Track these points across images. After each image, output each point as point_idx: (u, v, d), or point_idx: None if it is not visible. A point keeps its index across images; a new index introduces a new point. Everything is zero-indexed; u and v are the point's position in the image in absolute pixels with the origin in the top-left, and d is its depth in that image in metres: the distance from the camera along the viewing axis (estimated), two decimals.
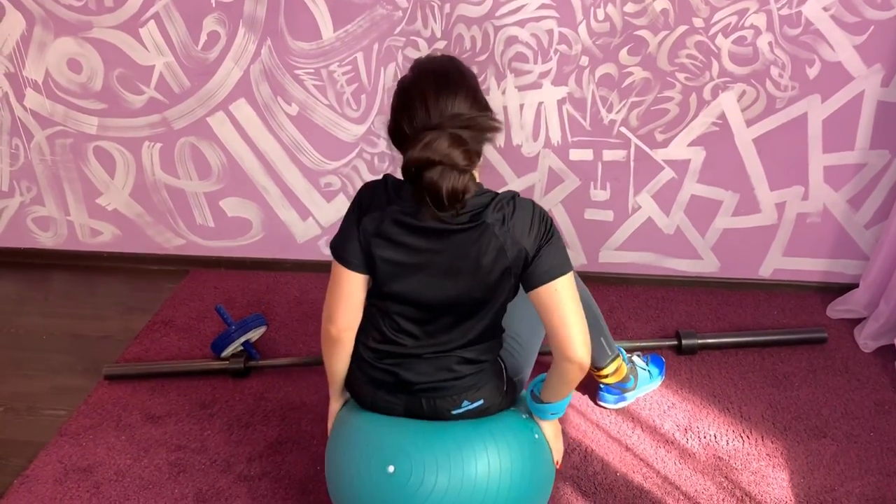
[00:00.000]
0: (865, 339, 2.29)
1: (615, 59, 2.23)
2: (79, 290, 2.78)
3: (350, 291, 1.47)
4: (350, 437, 1.52)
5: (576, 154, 2.41)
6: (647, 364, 2.14)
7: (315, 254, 2.75)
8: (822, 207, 2.41)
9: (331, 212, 2.66)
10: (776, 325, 2.41)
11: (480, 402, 1.51)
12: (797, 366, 2.24)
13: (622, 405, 2.09)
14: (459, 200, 1.32)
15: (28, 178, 2.73)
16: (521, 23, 2.20)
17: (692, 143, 2.34)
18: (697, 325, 2.42)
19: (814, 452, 1.94)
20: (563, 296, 1.38)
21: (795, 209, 2.42)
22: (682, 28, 2.15)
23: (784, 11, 2.10)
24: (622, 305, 2.53)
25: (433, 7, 2.21)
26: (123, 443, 2.04)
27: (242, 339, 2.30)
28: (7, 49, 2.46)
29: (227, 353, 2.29)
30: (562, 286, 1.39)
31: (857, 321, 2.39)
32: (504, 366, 1.59)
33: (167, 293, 2.69)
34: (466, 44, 2.25)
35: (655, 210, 2.48)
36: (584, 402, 2.11)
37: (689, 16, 2.13)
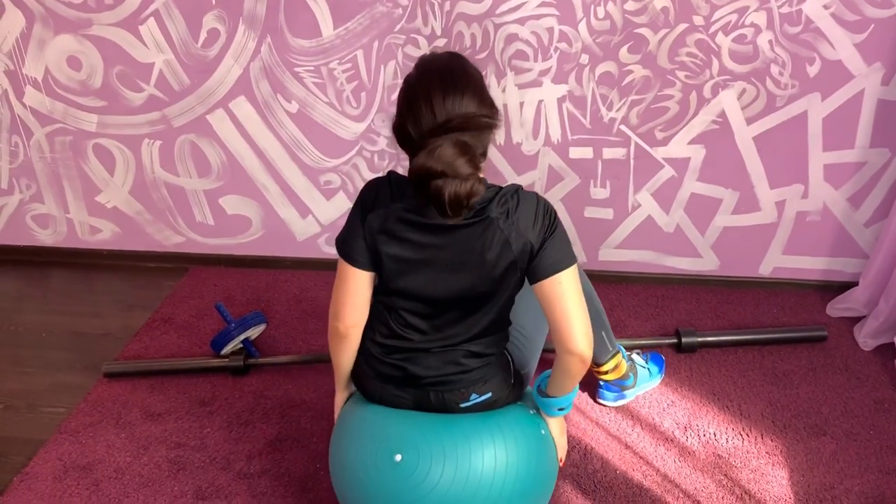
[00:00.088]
0: (865, 338, 2.29)
1: (615, 57, 2.23)
2: (78, 288, 2.78)
3: (356, 289, 1.48)
4: (357, 428, 1.52)
5: (576, 152, 2.41)
6: (647, 362, 2.14)
7: (315, 252, 2.75)
8: (822, 206, 2.41)
9: (330, 210, 2.65)
10: (776, 324, 2.41)
11: (488, 395, 1.52)
12: (797, 364, 2.24)
13: (622, 403, 2.09)
14: (465, 207, 1.32)
15: (28, 176, 2.72)
16: (522, 20, 2.20)
17: (692, 142, 2.34)
18: (697, 324, 2.42)
19: (813, 450, 1.94)
20: (567, 288, 1.39)
21: (795, 207, 2.42)
22: (683, 26, 2.15)
23: (784, 9, 2.10)
24: (622, 303, 2.53)
25: (433, 5, 2.21)
26: (123, 440, 2.04)
27: (242, 337, 2.30)
28: (7, 46, 2.45)
29: (227, 351, 2.29)
30: (566, 279, 1.39)
31: (857, 319, 2.39)
32: (511, 359, 1.59)
33: (167, 291, 2.69)
34: (466, 41, 2.25)
35: (655, 208, 2.48)
36: (584, 400, 2.11)
37: (690, 14, 2.13)
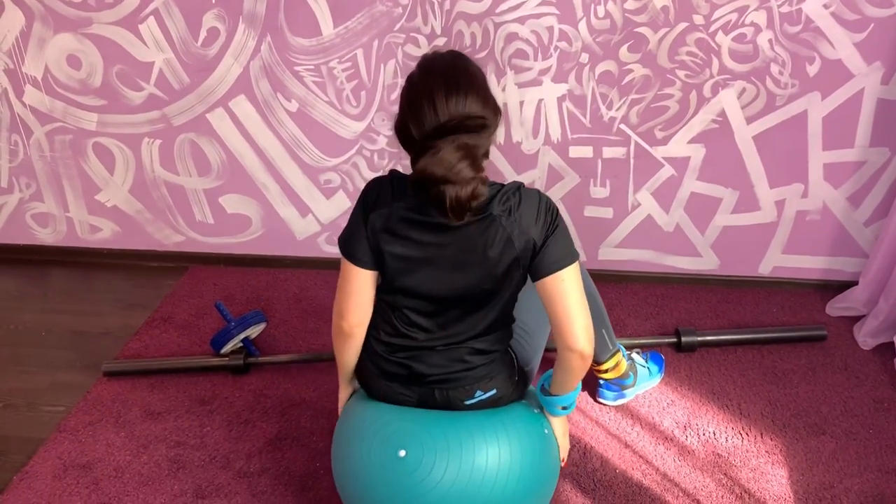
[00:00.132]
0: (865, 337, 2.29)
1: (615, 57, 2.23)
2: (78, 287, 2.78)
3: (360, 288, 1.48)
4: (361, 424, 1.52)
5: (575, 151, 2.41)
6: (647, 361, 2.14)
7: (314, 251, 2.75)
8: (822, 205, 2.41)
9: (330, 209, 2.65)
10: (775, 323, 2.41)
11: (493, 392, 1.52)
12: (796, 363, 2.24)
13: (621, 402, 2.09)
14: (467, 210, 1.32)
15: (27, 175, 2.72)
16: (522, 19, 2.20)
17: (692, 141, 2.34)
18: (697, 323, 2.42)
19: (813, 449, 1.94)
20: (568, 285, 1.39)
21: (795, 207, 2.42)
22: (683, 25, 2.15)
23: (784, 9, 2.10)
24: (621, 303, 2.53)
25: (433, 3, 2.21)
26: (123, 439, 2.04)
27: (242, 336, 2.30)
28: (6, 45, 2.45)
29: (227, 350, 2.29)
30: (568, 276, 1.39)
31: (857, 319, 2.39)
32: (515, 355, 1.60)
33: (167, 290, 2.69)
34: (466, 40, 2.25)
35: (655, 207, 2.48)
36: (584, 399, 2.11)
37: (690, 13, 2.13)
